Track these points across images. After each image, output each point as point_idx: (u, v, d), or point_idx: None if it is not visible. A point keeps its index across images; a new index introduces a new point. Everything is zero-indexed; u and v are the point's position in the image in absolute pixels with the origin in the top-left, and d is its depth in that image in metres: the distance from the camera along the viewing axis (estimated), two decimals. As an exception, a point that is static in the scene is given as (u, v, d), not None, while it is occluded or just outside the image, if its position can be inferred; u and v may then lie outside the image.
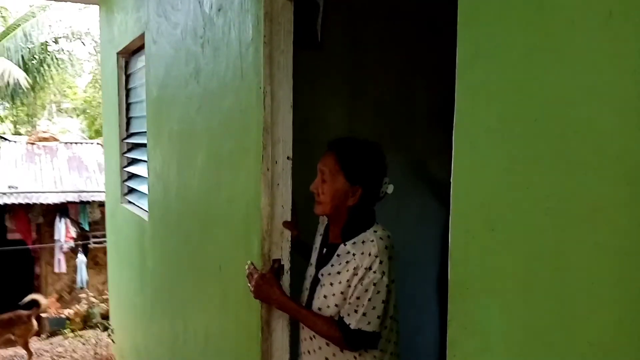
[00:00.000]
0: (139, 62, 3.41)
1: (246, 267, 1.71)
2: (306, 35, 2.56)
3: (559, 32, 0.75)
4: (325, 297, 1.54)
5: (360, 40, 2.65)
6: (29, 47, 11.97)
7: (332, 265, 1.55)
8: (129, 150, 3.80)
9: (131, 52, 3.63)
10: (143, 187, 3.30)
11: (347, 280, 1.48)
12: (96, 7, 4.43)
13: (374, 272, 1.44)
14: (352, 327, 1.46)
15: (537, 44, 0.79)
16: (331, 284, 1.53)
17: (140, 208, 3.42)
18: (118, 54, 3.75)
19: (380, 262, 1.45)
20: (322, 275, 1.58)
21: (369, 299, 1.45)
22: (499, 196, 0.86)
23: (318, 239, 1.73)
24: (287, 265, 1.77)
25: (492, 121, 0.86)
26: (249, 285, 1.67)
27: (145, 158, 3.11)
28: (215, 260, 2.10)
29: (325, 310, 1.54)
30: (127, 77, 3.77)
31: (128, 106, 3.80)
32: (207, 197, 2.16)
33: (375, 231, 1.52)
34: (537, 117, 0.79)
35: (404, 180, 2.76)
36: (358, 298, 1.46)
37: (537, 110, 0.79)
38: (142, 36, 3.02)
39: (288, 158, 1.74)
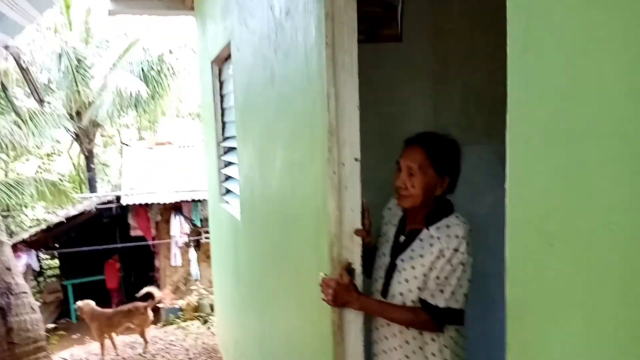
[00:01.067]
0: (230, 70, 3.56)
1: (319, 278, 1.69)
2: (386, 28, 2.49)
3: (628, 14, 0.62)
4: (407, 280, 1.62)
5: (443, 27, 2.51)
6: (148, 59, 13.16)
7: (412, 250, 1.64)
8: (225, 152, 3.99)
9: (223, 60, 3.81)
10: (236, 188, 3.44)
11: (431, 262, 1.57)
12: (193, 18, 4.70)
13: (462, 253, 1.55)
14: (440, 305, 1.55)
15: (601, 24, 0.66)
16: (413, 267, 1.61)
17: (234, 208, 3.57)
18: (212, 62, 3.94)
19: (467, 244, 1.56)
20: (402, 260, 1.65)
21: (458, 278, 1.55)
22: (558, 206, 0.74)
23: (391, 230, 1.77)
24: (358, 268, 1.73)
25: (548, 119, 0.74)
26: (325, 296, 1.65)
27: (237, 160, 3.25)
28: (292, 262, 2.11)
29: (406, 295, 1.62)
30: (221, 83, 3.96)
31: (223, 111, 3.99)
32: (283, 200, 2.19)
33: (457, 216, 1.63)
34: (600, 114, 0.66)
35: (488, 170, 2.58)
36: (446, 278, 1.55)
37: (601, 106, 0.66)
38: (229, 45, 3.15)
39: (356, 160, 1.69)
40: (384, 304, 1.66)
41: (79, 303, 5.12)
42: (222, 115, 4.00)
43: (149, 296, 5.11)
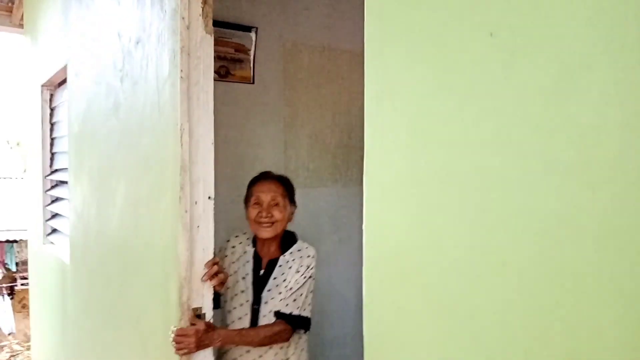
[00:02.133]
0: (64, 95, 3.23)
1: (170, 333, 1.56)
2: (239, 69, 2.52)
3: (465, 71, 0.71)
4: (277, 303, 1.75)
5: (294, 75, 2.63)
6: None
7: (275, 279, 1.78)
8: (52, 187, 3.56)
9: (56, 85, 3.44)
10: (65, 227, 3.07)
11: (289, 281, 1.75)
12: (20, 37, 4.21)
13: (312, 268, 1.78)
14: (294, 313, 1.72)
15: (444, 83, 0.75)
16: (279, 293, 1.75)
17: (62, 249, 3.17)
18: (42, 85, 3.54)
19: (314, 262, 1.79)
20: (268, 291, 1.77)
21: (308, 289, 1.76)
22: (411, 244, 0.80)
23: (244, 267, 1.82)
24: (209, 314, 1.64)
25: (401, 166, 0.81)
26: (185, 347, 1.54)
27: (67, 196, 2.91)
28: (134, 310, 1.93)
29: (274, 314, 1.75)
30: (52, 110, 3.56)
31: (52, 141, 3.57)
32: (125, 241, 2.01)
33: (303, 241, 1.86)
34: (445, 163, 0.74)
35: (333, 212, 2.73)
36: (298, 289, 1.73)
37: (445, 156, 0.74)
38: (65, 68, 2.86)
39: (209, 198, 1.63)
40: (242, 330, 1.74)
41: None
42: (52, 145, 3.58)
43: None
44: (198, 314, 1.61)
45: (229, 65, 2.48)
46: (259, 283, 1.79)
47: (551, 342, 0.60)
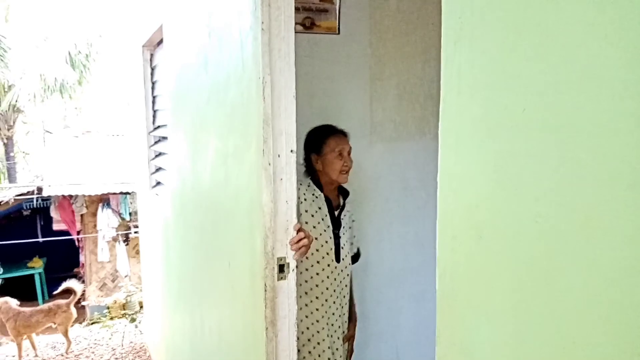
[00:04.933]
0: (162, 55, 3.40)
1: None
2: (324, 20, 2.47)
3: (550, 12, 0.63)
4: (345, 244, 2.13)
5: (380, 23, 2.53)
6: (75, 42, 12.40)
7: (343, 219, 2.13)
8: (155, 143, 3.82)
9: (155, 45, 3.63)
10: (167, 180, 3.30)
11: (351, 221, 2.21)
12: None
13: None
14: (360, 250, 2.30)
15: (527, 24, 0.66)
16: (344, 233, 2.13)
17: (165, 200, 3.43)
18: (143, 46, 3.75)
19: None
20: (342, 227, 2.11)
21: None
22: (487, 198, 0.75)
23: (319, 212, 2.05)
24: (292, 263, 1.70)
25: (478, 111, 0.74)
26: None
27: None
28: (225, 257, 2.05)
29: (348, 254, 2.17)
30: (152, 69, 3.78)
31: (154, 99, 3.81)
32: (216, 193, 2.11)
33: None
34: (526, 107, 0.67)
35: (420, 167, 2.65)
36: (353, 229, 2.23)
37: (526, 99, 0.67)
38: (161, 28, 3.00)
39: (292, 151, 1.65)
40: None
41: None
42: (153, 103, 3.82)
43: (69, 292, 4.79)
44: (281, 264, 1.67)
45: (314, 17, 2.43)
46: (336, 223, 2.09)
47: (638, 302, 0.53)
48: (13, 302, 4.68)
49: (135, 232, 8.15)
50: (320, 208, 2.06)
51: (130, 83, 4.48)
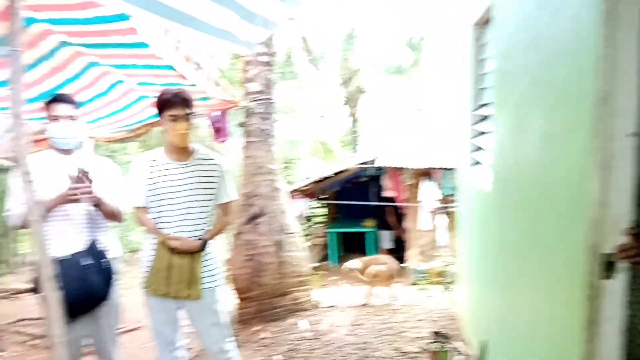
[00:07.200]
0: (489, 34, 3.38)
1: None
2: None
3: None
4: None
5: None
6: (414, 30, 13.42)
7: None
8: (477, 122, 3.85)
9: (483, 24, 3.63)
10: (487, 159, 3.31)
11: None
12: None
13: None
14: None
15: None
16: None
17: (484, 179, 3.45)
18: (474, 25, 3.80)
19: None
20: None
21: None
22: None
23: None
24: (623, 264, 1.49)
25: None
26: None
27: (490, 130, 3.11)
28: (542, 244, 1.95)
29: None
30: (480, 48, 3.79)
31: (480, 78, 3.83)
32: (537, 176, 2.01)
33: None
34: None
35: None
36: None
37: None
38: (489, 8, 2.98)
39: (631, 134, 1.43)
40: None
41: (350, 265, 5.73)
42: (479, 82, 3.84)
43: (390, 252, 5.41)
44: (609, 261, 1.48)
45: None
46: None
47: None
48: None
49: (453, 207, 8.45)
50: None
51: (459, 63, 4.62)
